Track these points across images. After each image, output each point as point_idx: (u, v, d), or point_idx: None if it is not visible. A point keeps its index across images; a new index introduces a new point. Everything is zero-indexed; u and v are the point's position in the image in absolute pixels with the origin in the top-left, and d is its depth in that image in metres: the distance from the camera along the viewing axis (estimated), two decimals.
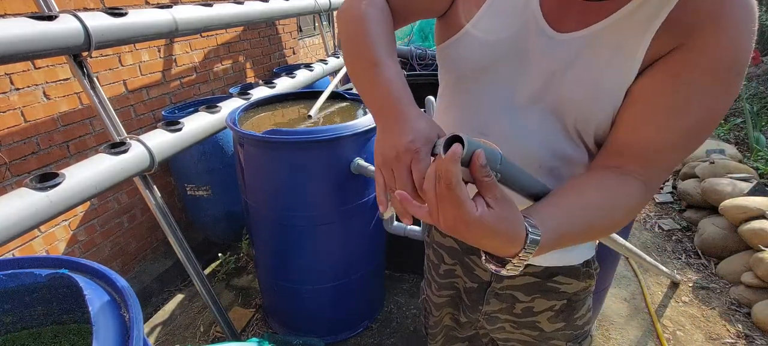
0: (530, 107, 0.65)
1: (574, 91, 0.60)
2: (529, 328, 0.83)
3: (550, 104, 0.63)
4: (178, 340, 1.94)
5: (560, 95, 0.62)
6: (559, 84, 0.61)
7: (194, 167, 2.22)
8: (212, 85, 2.81)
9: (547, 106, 0.64)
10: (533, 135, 0.65)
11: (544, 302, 0.79)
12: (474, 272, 0.85)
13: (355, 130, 1.46)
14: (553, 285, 0.78)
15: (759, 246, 2.07)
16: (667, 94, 0.55)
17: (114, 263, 2.22)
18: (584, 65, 0.59)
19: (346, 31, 0.68)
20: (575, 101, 0.61)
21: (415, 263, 2.27)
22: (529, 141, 0.66)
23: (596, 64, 0.58)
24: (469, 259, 0.86)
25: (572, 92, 0.61)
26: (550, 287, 0.78)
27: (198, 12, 1.93)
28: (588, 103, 0.60)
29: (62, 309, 0.85)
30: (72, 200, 1.24)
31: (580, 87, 0.60)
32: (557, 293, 0.78)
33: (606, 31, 0.57)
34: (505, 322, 0.84)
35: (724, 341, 1.87)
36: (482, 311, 0.86)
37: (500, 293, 0.82)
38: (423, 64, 3.14)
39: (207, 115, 1.75)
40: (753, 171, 2.63)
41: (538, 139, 0.65)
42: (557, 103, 0.63)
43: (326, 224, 1.58)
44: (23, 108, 1.75)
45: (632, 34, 0.55)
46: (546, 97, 0.63)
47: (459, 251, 0.87)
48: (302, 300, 1.78)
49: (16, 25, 1.27)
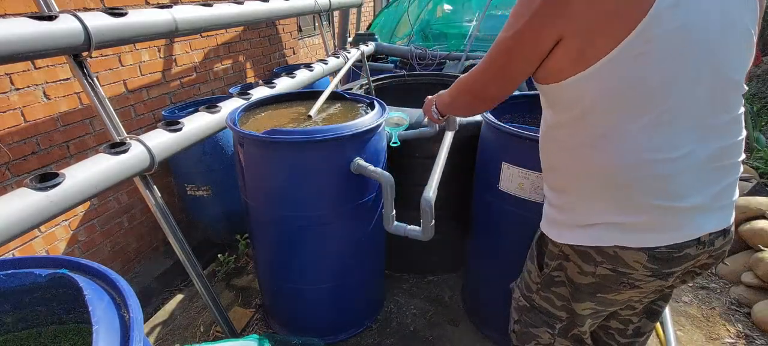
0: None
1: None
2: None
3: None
4: (178, 340, 1.94)
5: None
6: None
7: (194, 167, 2.22)
8: (212, 85, 2.81)
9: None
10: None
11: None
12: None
13: (355, 130, 1.46)
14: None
15: (759, 246, 2.07)
16: None
17: (114, 263, 2.22)
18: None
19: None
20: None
21: (415, 263, 2.28)
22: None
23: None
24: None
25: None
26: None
27: (198, 12, 1.93)
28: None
29: (62, 309, 0.85)
30: (72, 200, 1.24)
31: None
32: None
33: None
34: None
35: (724, 341, 1.87)
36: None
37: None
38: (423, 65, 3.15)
39: (207, 115, 1.75)
40: (753, 171, 2.63)
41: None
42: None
43: (326, 224, 1.58)
44: (23, 108, 1.75)
45: None
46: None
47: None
48: (302, 300, 1.78)
49: (16, 25, 1.27)
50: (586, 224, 0.92)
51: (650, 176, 0.82)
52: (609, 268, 0.92)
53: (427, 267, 2.28)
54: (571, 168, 0.94)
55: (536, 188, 1.44)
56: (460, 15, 4.09)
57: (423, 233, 1.40)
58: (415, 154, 1.90)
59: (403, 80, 2.56)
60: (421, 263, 2.27)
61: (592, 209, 0.91)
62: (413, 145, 1.84)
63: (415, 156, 1.90)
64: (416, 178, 1.69)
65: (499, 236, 1.68)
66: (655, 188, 0.82)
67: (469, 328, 1.95)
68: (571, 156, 0.92)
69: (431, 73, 2.74)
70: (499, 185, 1.55)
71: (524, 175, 1.45)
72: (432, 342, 1.88)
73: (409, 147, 1.82)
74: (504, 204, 1.56)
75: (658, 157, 0.80)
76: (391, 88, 2.53)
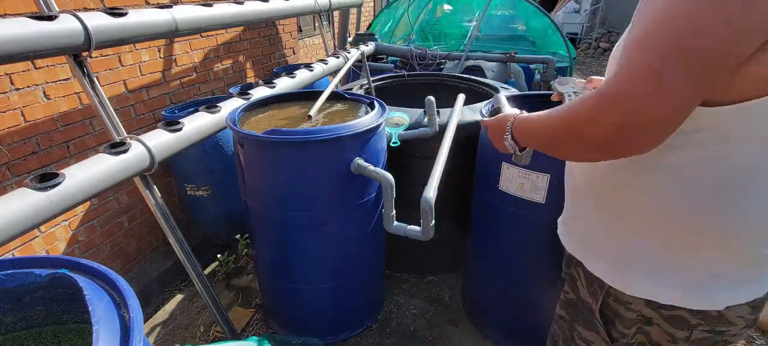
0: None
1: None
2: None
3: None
4: (178, 340, 1.94)
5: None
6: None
7: (194, 167, 2.22)
8: (212, 85, 2.81)
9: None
10: None
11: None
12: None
13: (355, 130, 1.46)
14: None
15: None
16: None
17: (114, 263, 2.22)
18: None
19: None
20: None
21: (415, 263, 2.28)
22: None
23: None
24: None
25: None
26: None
27: (198, 12, 1.93)
28: None
29: (62, 309, 0.85)
30: (72, 200, 1.24)
31: None
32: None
33: None
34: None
35: None
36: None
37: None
38: (423, 65, 3.15)
39: (207, 115, 1.75)
40: None
41: None
42: None
43: (326, 224, 1.58)
44: (23, 108, 1.75)
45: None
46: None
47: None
48: (302, 300, 1.78)
49: (16, 25, 1.27)
50: (691, 282, 0.72)
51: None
52: (706, 330, 0.76)
53: (427, 267, 2.28)
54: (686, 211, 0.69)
55: (536, 188, 1.44)
56: (460, 15, 4.09)
57: (423, 233, 1.40)
58: (415, 154, 1.90)
59: (403, 80, 2.56)
60: (421, 263, 2.27)
61: (700, 260, 0.71)
62: (413, 145, 1.84)
63: (415, 156, 1.90)
64: (416, 178, 1.69)
65: (499, 236, 1.69)
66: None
67: (469, 328, 1.95)
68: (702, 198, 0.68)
69: (431, 73, 2.74)
70: (499, 184, 1.55)
71: (524, 175, 1.45)
72: (432, 342, 1.88)
73: (409, 147, 1.83)
74: (504, 204, 1.56)
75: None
76: (391, 88, 2.53)
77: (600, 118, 0.59)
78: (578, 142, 0.64)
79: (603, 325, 0.85)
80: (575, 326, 0.94)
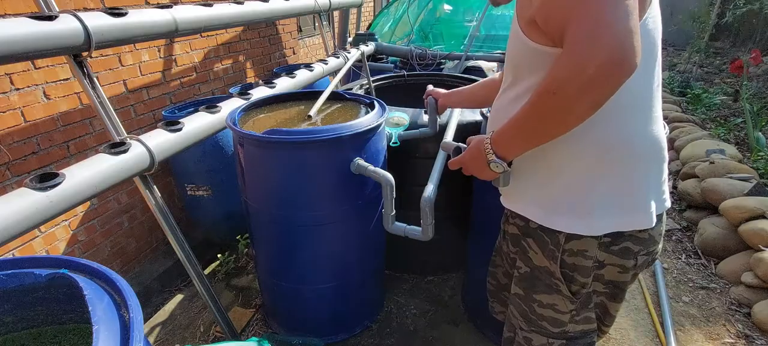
0: None
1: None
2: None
3: None
4: (178, 340, 1.94)
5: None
6: None
7: (194, 167, 2.22)
8: (212, 85, 2.81)
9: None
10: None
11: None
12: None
13: (355, 130, 1.46)
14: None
15: (759, 246, 2.07)
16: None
17: (114, 263, 2.22)
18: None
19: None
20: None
21: (415, 263, 2.28)
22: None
23: None
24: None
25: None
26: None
27: (198, 12, 1.93)
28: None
29: (62, 309, 0.85)
30: (72, 200, 1.24)
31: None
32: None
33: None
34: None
35: (724, 341, 1.87)
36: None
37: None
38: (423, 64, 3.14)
39: (207, 115, 1.74)
40: (753, 171, 2.63)
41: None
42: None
43: (326, 224, 1.58)
44: (23, 108, 1.75)
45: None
46: None
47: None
48: (302, 300, 1.78)
49: (16, 25, 1.27)
50: (633, 206, 0.84)
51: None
52: (644, 254, 0.89)
53: (427, 267, 2.28)
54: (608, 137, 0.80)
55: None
56: (460, 15, 4.09)
57: (423, 233, 1.40)
58: (415, 154, 1.90)
59: (403, 80, 2.56)
60: (421, 263, 2.27)
61: (640, 183, 0.84)
62: (413, 145, 1.84)
63: (415, 156, 1.90)
64: (416, 178, 1.69)
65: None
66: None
67: (469, 328, 1.95)
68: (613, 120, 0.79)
69: (431, 73, 2.74)
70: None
71: None
72: (432, 342, 1.88)
73: (409, 147, 1.82)
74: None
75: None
76: (391, 88, 2.53)
77: (591, 53, 0.62)
78: (569, 99, 0.66)
79: (564, 282, 0.91)
80: (534, 298, 0.97)
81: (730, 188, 2.44)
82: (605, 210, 0.83)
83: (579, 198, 0.84)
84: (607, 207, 0.83)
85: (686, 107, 4.38)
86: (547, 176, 0.87)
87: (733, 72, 3.87)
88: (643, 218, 0.84)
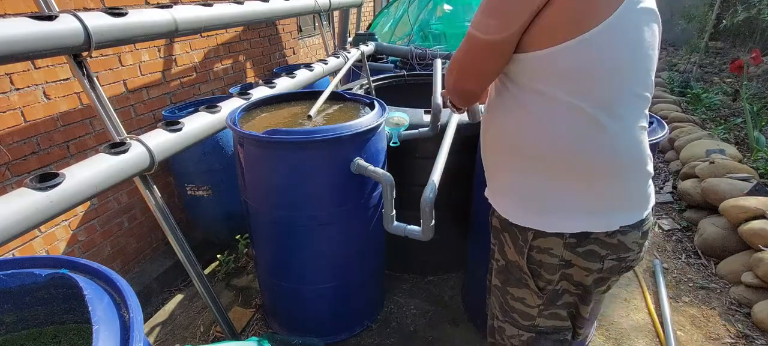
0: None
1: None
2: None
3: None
4: (178, 340, 1.94)
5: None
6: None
7: (194, 167, 2.22)
8: (212, 85, 2.81)
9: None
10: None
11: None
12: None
13: (355, 130, 1.46)
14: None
15: (759, 246, 2.07)
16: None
17: (114, 263, 2.22)
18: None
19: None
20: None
21: (415, 263, 2.28)
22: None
23: None
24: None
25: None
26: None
27: (198, 12, 1.93)
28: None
29: (62, 309, 0.85)
30: (72, 200, 1.24)
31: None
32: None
33: None
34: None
35: (724, 341, 1.87)
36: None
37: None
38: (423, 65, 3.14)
39: (207, 115, 1.75)
40: (753, 171, 2.63)
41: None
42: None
43: (326, 224, 1.58)
44: (23, 108, 1.75)
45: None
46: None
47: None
48: (302, 300, 1.78)
49: (16, 25, 1.27)
50: (593, 210, 0.88)
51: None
52: (613, 258, 0.91)
53: (427, 267, 2.28)
54: (564, 147, 0.86)
55: None
56: (460, 15, 4.09)
57: (423, 233, 1.40)
58: (415, 154, 1.90)
59: (403, 80, 2.56)
60: (421, 263, 2.27)
61: (601, 192, 0.87)
62: (413, 145, 1.84)
63: (415, 156, 1.90)
64: (416, 178, 1.69)
65: None
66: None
67: (469, 328, 1.95)
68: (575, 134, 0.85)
69: (430, 73, 2.74)
70: None
71: None
72: (432, 342, 1.88)
73: (409, 147, 1.83)
74: None
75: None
76: (391, 88, 2.53)
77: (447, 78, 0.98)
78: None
79: (531, 277, 0.96)
80: (507, 290, 1.03)
81: (730, 188, 2.44)
82: (566, 213, 0.89)
83: (542, 198, 0.90)
84: (568, 210, 0.89)
85: (686, 107, 4.38)
86: (518, 175, 0.93)
87: (733, 72, 3.87)
88: (598, 222, 0.88)
